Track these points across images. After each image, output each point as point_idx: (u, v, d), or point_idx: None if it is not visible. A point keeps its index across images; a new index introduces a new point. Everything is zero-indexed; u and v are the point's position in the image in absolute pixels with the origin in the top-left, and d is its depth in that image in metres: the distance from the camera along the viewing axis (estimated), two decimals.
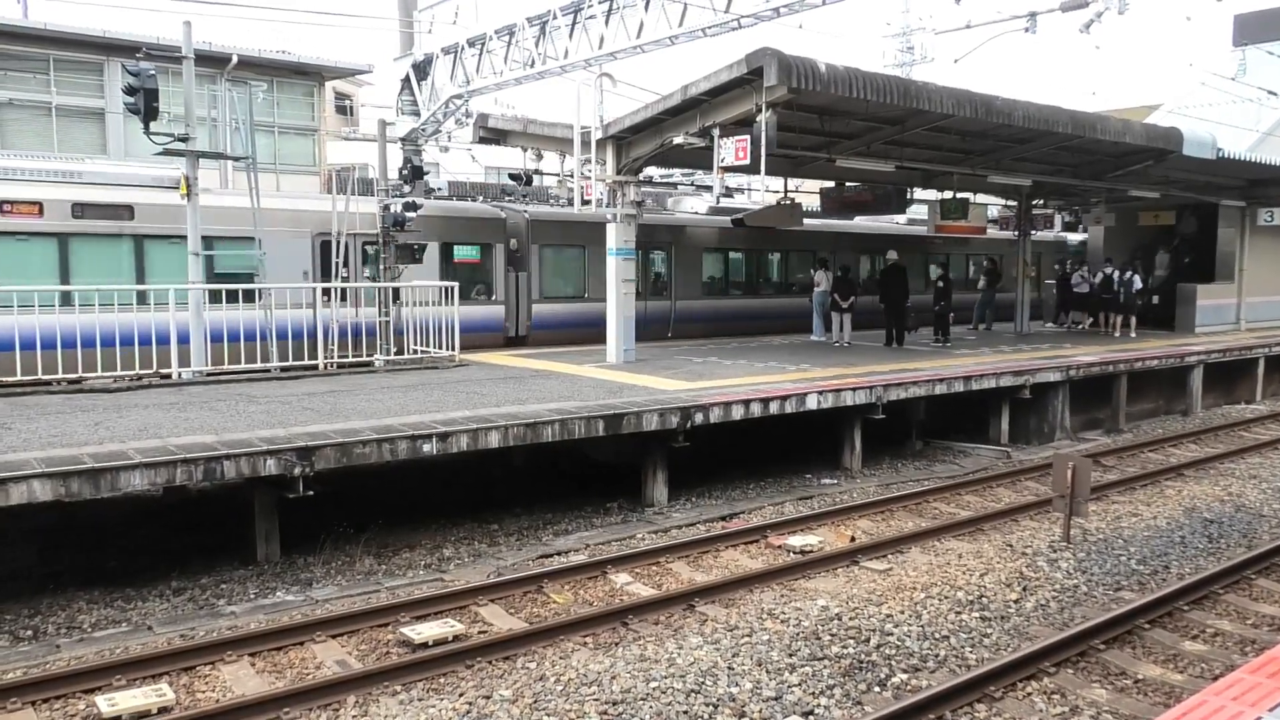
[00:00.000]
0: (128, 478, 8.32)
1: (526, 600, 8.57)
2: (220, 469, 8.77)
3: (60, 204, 14.46)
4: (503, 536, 11.02)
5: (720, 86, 13.56)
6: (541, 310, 19.40)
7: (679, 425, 11.67)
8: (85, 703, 6.49)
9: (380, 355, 15.63)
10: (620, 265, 15.88)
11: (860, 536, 10.57)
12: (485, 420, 10.52)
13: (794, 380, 13.97)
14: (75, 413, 10.68)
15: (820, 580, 9.05)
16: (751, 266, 23.48)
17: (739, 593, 8.62)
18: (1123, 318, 22.98)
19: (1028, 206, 23.88)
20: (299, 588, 9.13)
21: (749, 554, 10.03)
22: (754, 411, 12.42)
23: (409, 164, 17.48)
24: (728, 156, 13.88)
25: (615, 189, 15.71)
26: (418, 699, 6.53)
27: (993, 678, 6.77)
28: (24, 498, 7.88)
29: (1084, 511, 10.33)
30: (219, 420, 10.34)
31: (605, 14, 14.86)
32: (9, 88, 21.89)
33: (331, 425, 10.06)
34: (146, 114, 12.87)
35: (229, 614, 8.32)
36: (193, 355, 13.61)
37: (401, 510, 11.45)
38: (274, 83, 24.56)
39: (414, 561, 10.06)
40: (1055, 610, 8.32)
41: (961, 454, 15.53)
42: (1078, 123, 17.11)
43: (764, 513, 11.72)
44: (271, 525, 9.74)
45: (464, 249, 18.46)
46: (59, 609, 8.58)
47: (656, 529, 10.99)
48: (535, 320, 19.49)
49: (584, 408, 11.44)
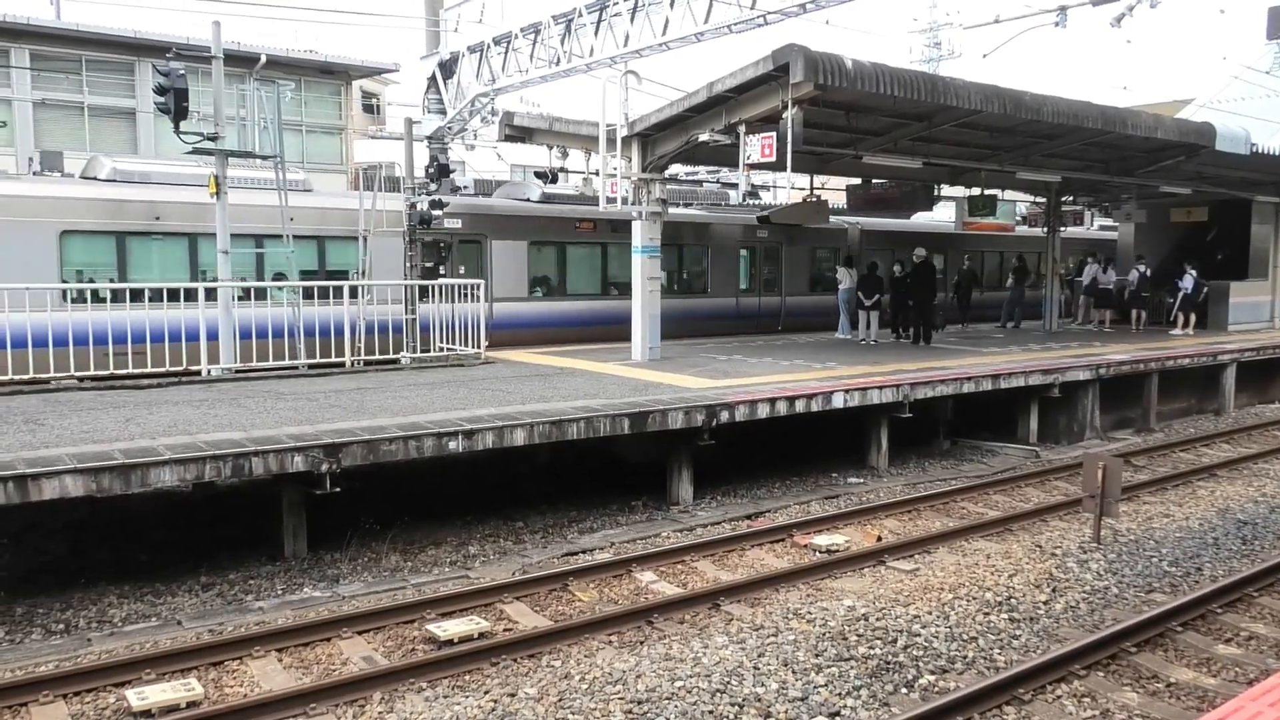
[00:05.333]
0: (158, 473, 8.39)
1: (552, 598, 8.57)
2: (248, 465, 8.83)
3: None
4: (528, 534, 11.03)
5: (746, 83, 13.52)
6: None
7: (704, 423, 11.63)
8: (115, 696, 6.55)
9: (407, 352, 15.69)
10: (646, 263, 15.85)
11: (887, 536, 10.49)
12: (511, 418, 10.54)
13: (820, 379, 13.90)
14: (107, 409, 10.79)
15: (846, 580, 8.99)
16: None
17: (764, 592, 8.58)
18: (1184, 316, 22.93)
19: (1057, 203, 23.63)
20: (326, 584, 9.18)
21: (774, 553, 9.97)
22: (779, 410, 12.36)
23: (435, 162, 17.52)
24: (753, 153, 13.83)
25: (640, 186, 15.69)
26: (443, 696, 6.54)
27: (1022, 680, 6.69)
28: (56, 493, 7.98)
29: (1115, 512, 10.20)
30: (247, 417, 10.41)
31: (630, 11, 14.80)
32: (43, 88, 22.18)
33: (358, 422, 10.10)
34: (177, 113, 13.01)
35: (257, 609, 8.37)
36: (221, 352, 13.73)
37: (427, 507, 11.49)
38: (301, 82, 24.74)
39: (440, 559, 10.09)
40: (1085, 612, 8.21)
41: (989, 453, 15.39)
42: (1108, 118, 16.91)
43: (790, 512, 11.66)
44: (299, 522, 9.80)
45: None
46: (90, 603, 8.68)
47: (682, 527, 10.96)
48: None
49: (609, 406, 11.43)
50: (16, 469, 7.86)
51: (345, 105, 26.92)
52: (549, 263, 19.59)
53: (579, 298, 19.84)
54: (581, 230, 19.68)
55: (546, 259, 19.53)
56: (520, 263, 18.78)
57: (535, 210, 19.56)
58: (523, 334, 18.49)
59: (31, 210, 14.41)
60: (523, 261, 18.83)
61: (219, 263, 14.06)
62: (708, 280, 21.80)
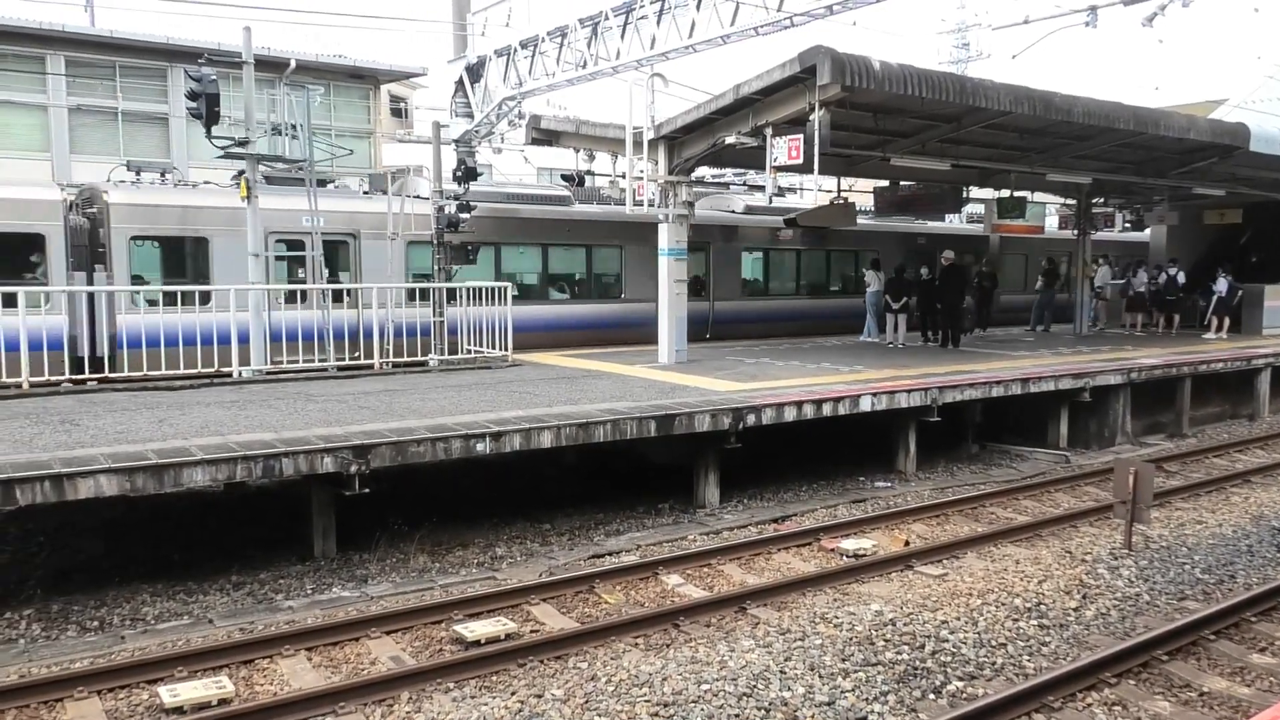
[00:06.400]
0: (190, 474, 8.50)
1: (578, 600, 8.59)
2: (279, 466, 8.93)
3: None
4: (555, 536, 11.06)
5: (773, 85, 13.50)
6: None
7: (731, 426, 11.62)
8: (148, 693, 6.64)
9: (434, 354, 15.79)
10: (672, 265, 15.86)
11: (915, 540, 10.44)
12: (538, 420, 10.58)
13: (847, 382, 13.84)
14: (140, 410, 10.94)
15: (874, 584, 8.95)
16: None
17: (791, 596, 8.56)
18: (1218, 319, 22.70)
19: (1088, 205, 23.40)
20: (354, 584, 9.25)
21: (801, 557, 9.95)
22: (806, 413, 12.32)
23: (463, 165, 17.62)
24: (780, 156, 13.80)
25: (667, 189, 15.71)
26: (470, 696, 6.58)
27: (1051, 687, 6.63)
28: (91, 492, 8.10)
29: (1146, 518, 10.09)
30: (278, 418, 10.52)
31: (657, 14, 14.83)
32: (78, 94, 22.50)
33: (387, 424, 10.18)
34: (208, 118, 13.17)
35: (286, 609, 8.46)
36: (252, 354, 13.88)
37: (455, 509, 11.56)
38: (330, 86, 24.95)
39: (467, 560, 10.14)
40: (1116, 619, 8.13)
41: (1019, 458, 15.26)
42: (1140, 119, 16.74)
43: (817, 515, 11.62)
44: (328, 522, 9.89)
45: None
46: (124, 600, 8.80)
47: (708, 530, 10.96)
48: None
49: (636, 408, 11.45)
50: (53, 468, 7.99)
51: (374, 109, 27.12)
52: (758, 267, 23.30)
53: (781, 297, 23.34)
54: (779, 239, 22.83)
55: (758, 263, 23.27)
56: (736, 265, 22.29)
57: (749, 221, 22.49)
58: (744, 327, 21.58)
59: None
60: (737, 264, 22.35)
61: (249, 266, 14.21)
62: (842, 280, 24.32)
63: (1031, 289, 26.05)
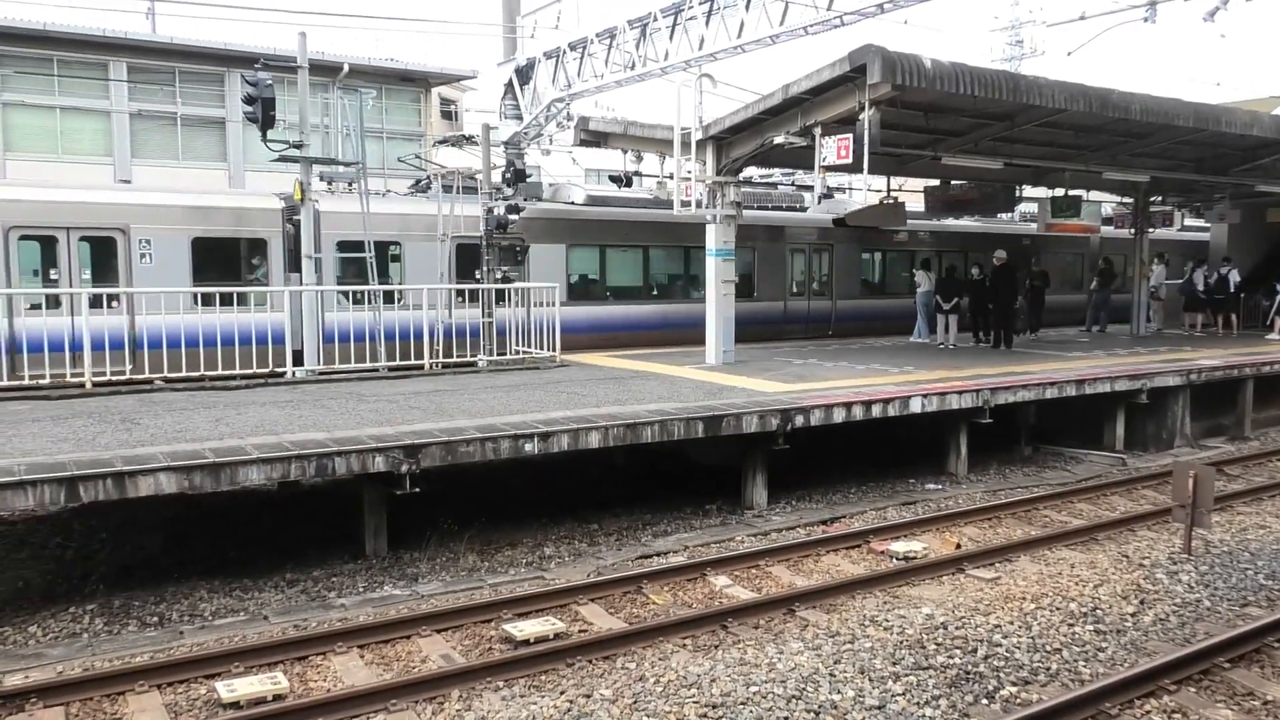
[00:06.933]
0: (245, 472, 8.66)
1: (626, 600, 8.60)
2: (331, 465, 9.06)
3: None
4: (602, 536, 11.09)
5: (822, 85, 13.41)
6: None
7: (779, 427, 11.56)
8: (206, 688, 6.77)
9: (483, 355, 15.93)
10: (720, 266, 15.83)
11: (966, 543, 10.30)
12: (586, 420, 10.61)
13: (897, 383, 13.70)
14: (198, 409, 11.17)
15: (925, 587, 8.85)
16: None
17: (840, 598, 8.49)
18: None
19: (1145, 203, 22.91)
20: (405, 582, 9.36)
21: (850, 559, 9.87)
22: (856, 414, 12.22)
23: (512, 167, 17.76)
24: (829, 156, 13.71)
25: (715, 190, 15.68)
26: (519, 695, 6.62)
27: (1109, 694, 6.50)
28: (151, 490, 8.29)
29: (1206, 522, 9.85)
30: (330, 418, 10.68)
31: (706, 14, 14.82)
32: (140, 99, 23.05)
33: (437, 424, 10.28)
34: (264, 122, 13.43)
35: (339, 606, 8.58)
36: (306, 355, 14.10)
37: (504, 509, 11.64)
38: (382, 89, 25.28)
39: (516, 559, 10.21)
40: (1175, 625, 7.95)
41: (1073, 460, 14.99)
42: (1200, 115, 16.36)
43: (866, 517, 11.52)
44: (380, 521, 10.02)
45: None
46: (182, 597, 8.99)
47: (756, 532, 10.91)
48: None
49: (683, 409, 11.44)
50: (115, 466, 8.19)
51: (424, 112, 27.41)
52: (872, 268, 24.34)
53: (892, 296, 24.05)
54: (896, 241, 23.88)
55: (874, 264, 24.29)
56: (855, 265, 23.53)
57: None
58: (863, 325, 22.66)
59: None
60: (856, 264, 23.56)
61: (304, 267, 14.45)
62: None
63: (1084, 289, 25.62)
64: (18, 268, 14.30)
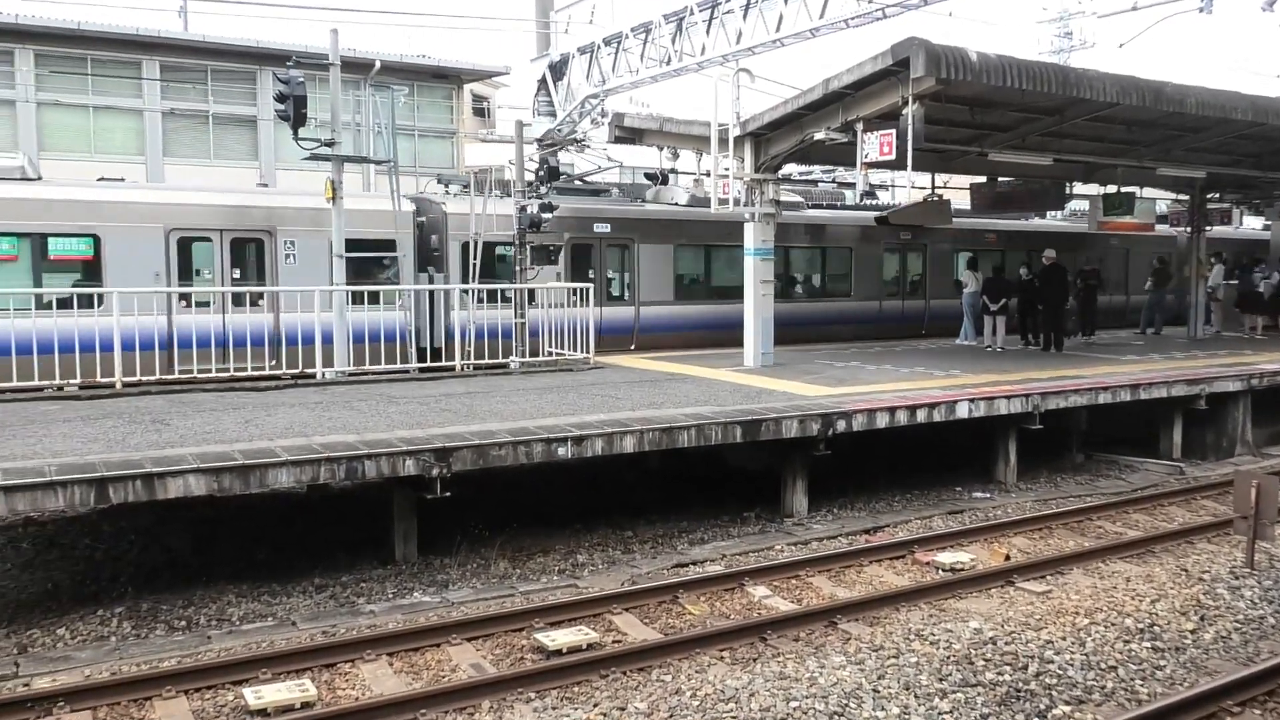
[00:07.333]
0: (275, 474, 8.69)
1: (661, 610, 8.52)
2: (361, 468, 9.07)
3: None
4: (637, 544, 11.03)
5: (864, 79, 13.28)
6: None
7: (820, 432, 11.44)
8: (233, 694, 6.78)
9: (515, 357, 15.92)
10: (758, 266, 15.70)
11: (1016, 555, 10.12)
12: (620, 424, 10.55)
13: (943, 387, 13.53)
14: (227, 410, 11.25)
15: (972, 601, 8.68)
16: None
17: (884, 611, 8.35)
18: None
19: (1202, 200, 22.46)
20: (435, 589, 9.35)
21: (894, 570, 9.72)
22: (900, 419, 12.07)
23: (545, 165, 17.75)
24: (872, 152, 13.60)
25: (753, 187, 15.56)
26: (552, 707, 6.56)
27: (1168, 714, 6.31)
28: (180, 491, 8.35)
29: (1270, 535, 9.58)
30: (360, 420, 10.70)
31: (743, 8, 14.73)
32: (172, 98, 23.35)
33: (468, 427, 10.27)
34: (296, 120, 13.49)
35: (368, 613, 8.58)
36: (336, 356, 14.17)
37: (536, 514, 11.61)
38: (414, 86, 25.39)
39: (548, 566, 10.17)
40: (1238, 643, 7.73)
41: (1128, 468, 14.71)
42: (1259, 109, 16.01)
43: (910, 526, 11.37)
44: (409, 525, 10.02)
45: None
46: (210, 601, 9.05)
47: (796, 541, 10.79)
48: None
49: (721, 412, 11.36)
50: (144, 467, 8.25)
51: (457, 109, 27.52)
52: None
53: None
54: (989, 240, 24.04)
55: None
56: (948, 264, 23.81)
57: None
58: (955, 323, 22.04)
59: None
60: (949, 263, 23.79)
61: (333, 266, 14.52)
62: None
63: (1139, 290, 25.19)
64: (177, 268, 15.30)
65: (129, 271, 14.43)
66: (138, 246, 14.80)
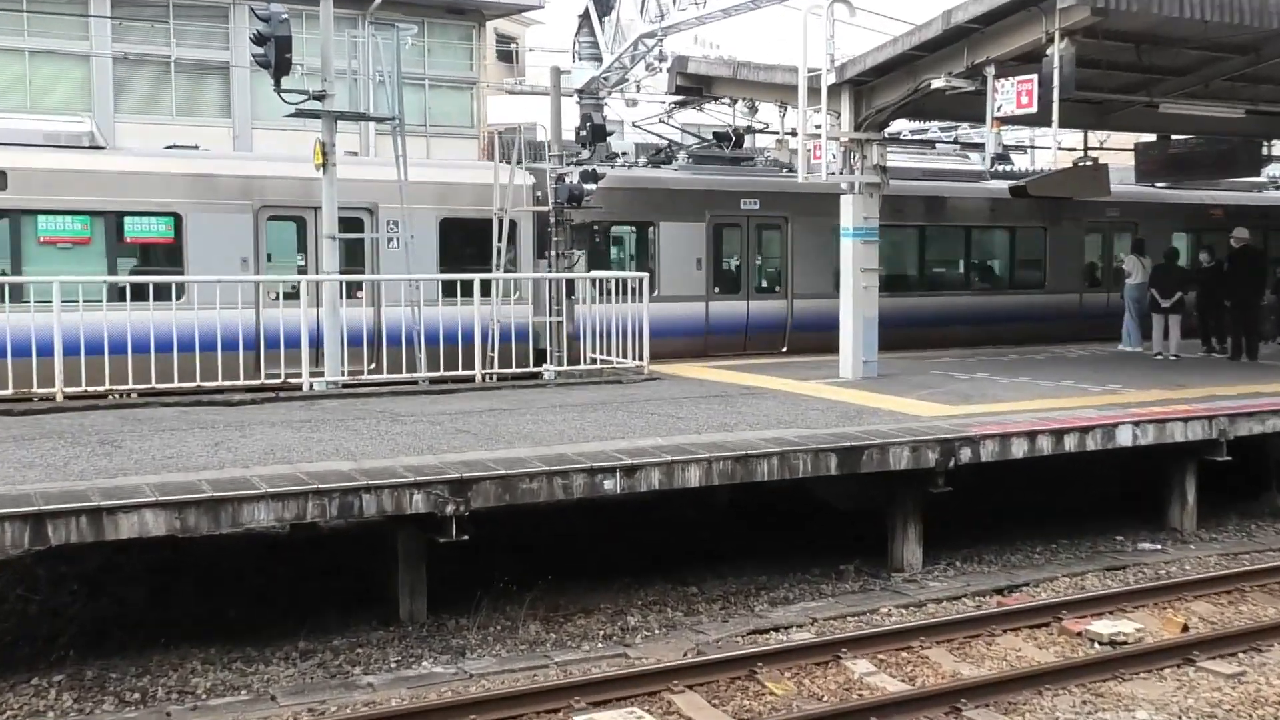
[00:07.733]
0: (251, 510, 8.81)
1: (734, 689, 8.50)
2: (358, 504, 9.16)
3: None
4: (703, 603, 11.02)
5: (996, 10, 13.32)
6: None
7: (939, 463, 11.38)
8: None
9: (551, 365, 16.02)
10: (859, 250, 15.63)
11: (1196, 625, 9.97)
12: (683, 450, 10.56)
13: (1098, 405, 13.43)
14: (193, 430, 11.46)
15: (1139, 684, 8.56)
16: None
17: (1023, 695, 8.26)
18: None
19: None
20: (449, 657, 9.42)
21: (1036, 642, 9.62)
22: (1042, 447, 11.98)
23: (589, 122, 17.85)
24: (1006, 104, 13.57)
25: (852, 149, 15.50)
26: None
27: None
28: (135, 530, 8.48)
29: None
30: (357, 443, 10.84)
31: None
32: (125, 39, 23.80)
33: (491, 453, 10.35)
34: (278, 67, 13.67)
35: (365, 685, 8.66)
36: (326, 362, 14.36)
37: (576, 564, 11.66)
38: (425, 25, 25.64)
39: (590, 630, 10.19)
40: None
41: None
42: None
43: (1056, 586, 11.28)
44: (417, 576, 10.10)
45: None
46: (170, 667, 9.18)
47: (907, 602, 10.74)
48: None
49: (810, 437, 11.35)
50: (91, 500, 8.41)
51: (477, 53, 27.75)
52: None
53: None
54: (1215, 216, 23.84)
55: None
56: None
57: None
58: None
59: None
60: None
61: (324, 250, 14.74)
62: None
63: None
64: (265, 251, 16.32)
65: (212, 257, 15.46)
66: (223, 227, 15.82)
